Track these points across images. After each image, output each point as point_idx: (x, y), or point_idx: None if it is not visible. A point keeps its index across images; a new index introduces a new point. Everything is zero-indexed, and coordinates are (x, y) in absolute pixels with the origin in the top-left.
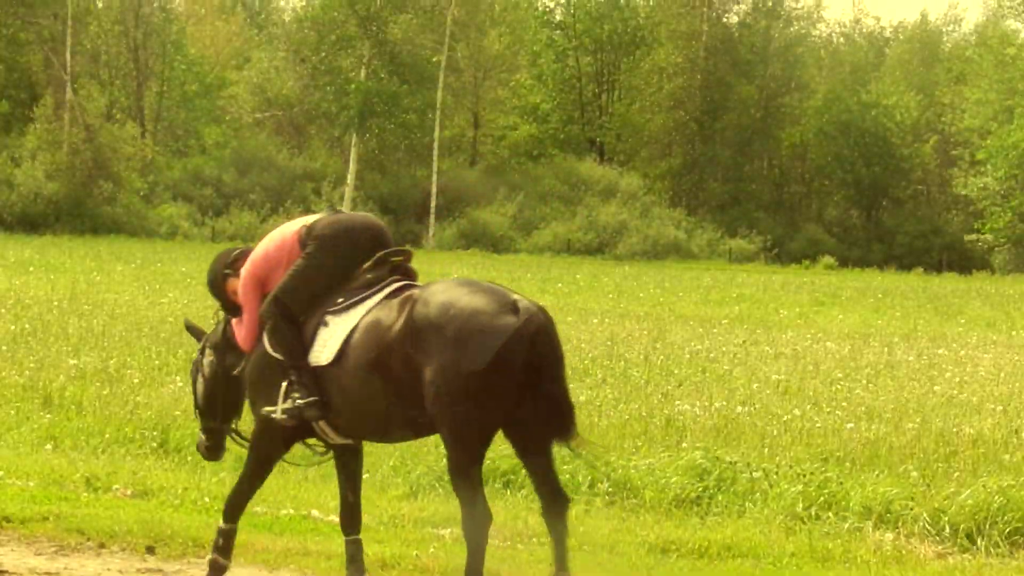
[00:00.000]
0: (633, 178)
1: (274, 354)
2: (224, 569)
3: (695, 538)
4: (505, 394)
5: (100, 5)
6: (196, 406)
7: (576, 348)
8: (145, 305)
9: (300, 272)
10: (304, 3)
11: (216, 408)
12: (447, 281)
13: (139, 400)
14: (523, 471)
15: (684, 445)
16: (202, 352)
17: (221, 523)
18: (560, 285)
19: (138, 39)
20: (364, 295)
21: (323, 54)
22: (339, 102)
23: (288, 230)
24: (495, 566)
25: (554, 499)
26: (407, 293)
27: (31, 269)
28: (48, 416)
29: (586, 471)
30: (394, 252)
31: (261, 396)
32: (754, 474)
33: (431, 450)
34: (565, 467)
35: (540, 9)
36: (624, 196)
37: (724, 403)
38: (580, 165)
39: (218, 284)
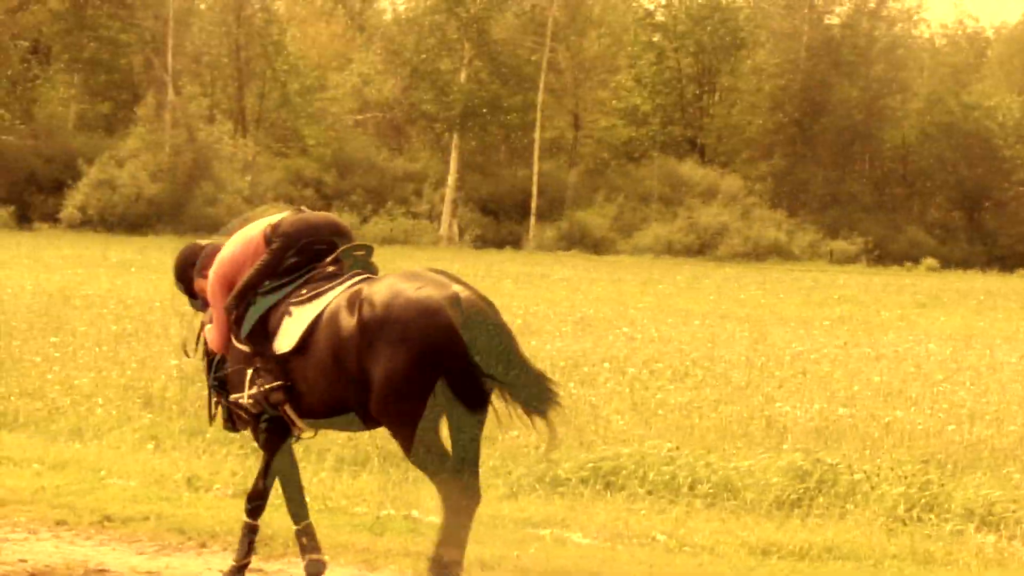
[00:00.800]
0: (734, 179)
1: (239, 345)
2: (325, 566)
3: (796, 540)
4: (449, 384)
5: (203, 6)
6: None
7: (677, 349)
8: None
9: (265, 266)
10: (404, 5)
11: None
12: (393, 276)
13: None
14: (624, 472)
15: (785, 446)
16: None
17: (295, 526)
18: (661, 286)
19: (240, 40)
20: (325, 288)
21: (423, 56)
22: (440, 103)
23: (254, 230)
24: (596, 567)
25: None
26: (357, 288)
27: (133, 270)
28: (149, 416)
29: (684, 473)
30: (355, 247)
31: (236, 389)
32: (855, 476)
33: (531, 452)
34: (665, 468)
35: (640, 11)
36: (725, 197)
37: (825, 404)
38: (680, 166)
39: (186, 279)
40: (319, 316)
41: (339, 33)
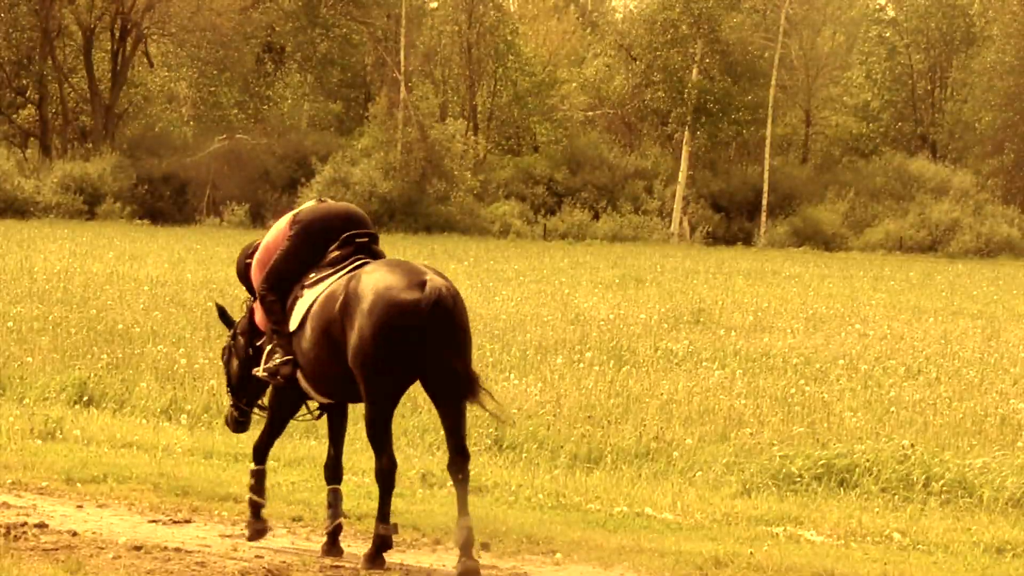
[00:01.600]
0: (965, 175)
1: (266, 323)
2: (261, 507)
3: None
4: (407, 359)
5: (434, 5)
6: (228, 385)
7: (910, 346)
8: (478, 303)
9: (284, 253)
10: (636, 2)
11: (246, 387)
12: (384, 260)
13: None
14: (858, 469)
15: (1020, 444)
16: (234, 336)
17: (252, 466)
18: (892, 283)
19: (471, 39)
20: (330, 272)
21: (655, 53)
22: (671, 100)
23: (284, 220)
24: (829, 565)
25: (456, 454)
26: (354, 270)
27: None
28: None
29: (919, 471)
30: (360, 234)
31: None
32: None
33: (765, 449)
34: (899, 465)
35: (871, 7)
36: (956, 194)
37: None
38: (911, 162)
39: (243, 273)
40: (316, 299)
41: (570, 30)
